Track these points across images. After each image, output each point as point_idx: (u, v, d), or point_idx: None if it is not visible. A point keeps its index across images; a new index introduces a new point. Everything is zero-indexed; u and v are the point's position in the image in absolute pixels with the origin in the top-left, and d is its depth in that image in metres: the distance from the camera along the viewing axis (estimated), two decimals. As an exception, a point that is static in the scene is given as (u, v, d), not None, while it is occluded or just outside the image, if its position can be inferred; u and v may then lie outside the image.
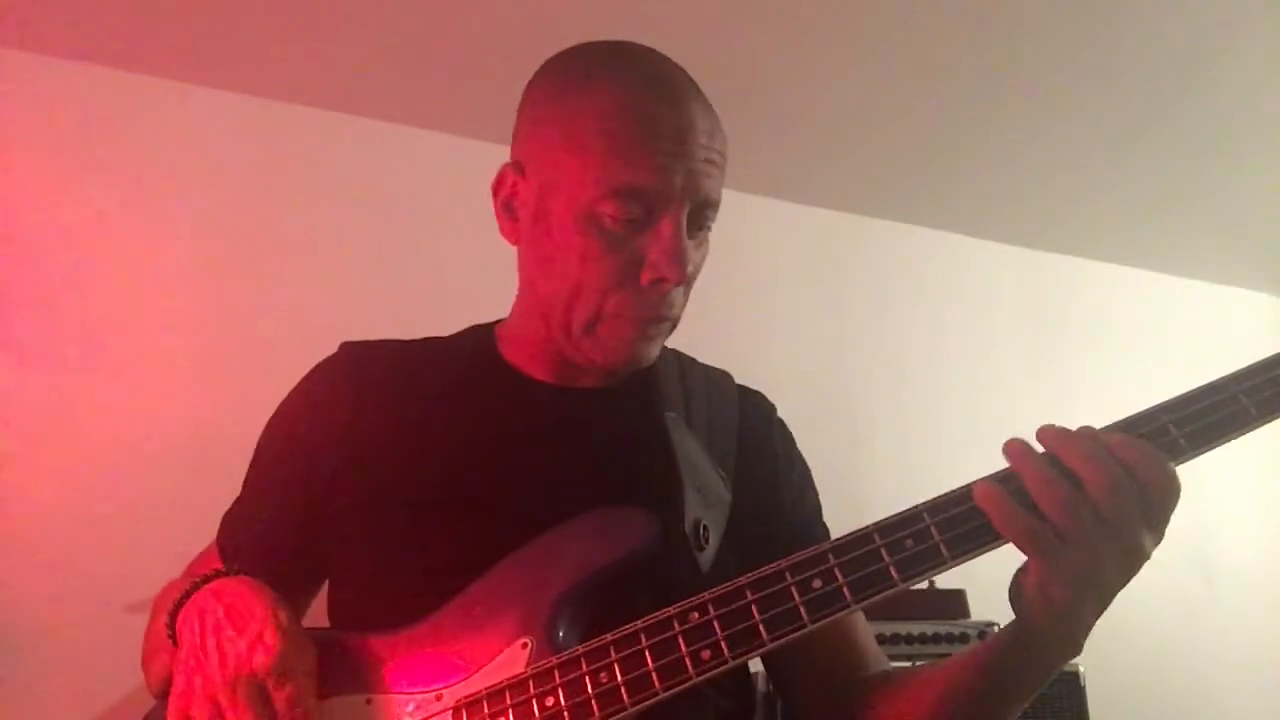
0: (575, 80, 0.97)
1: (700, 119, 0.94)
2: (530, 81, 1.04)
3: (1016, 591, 0.80)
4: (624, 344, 0.97)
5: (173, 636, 0.90)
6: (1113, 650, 2.70)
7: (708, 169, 0.94)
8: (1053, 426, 0.79)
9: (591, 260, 0.93)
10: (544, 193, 0.96)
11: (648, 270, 0.93)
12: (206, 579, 0.92)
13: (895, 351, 3.04)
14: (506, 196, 1.01)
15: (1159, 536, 0.77)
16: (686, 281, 0.97)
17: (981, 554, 0.79)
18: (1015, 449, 0.78)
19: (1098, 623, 0.80)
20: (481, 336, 1.10)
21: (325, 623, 1.02)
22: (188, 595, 0.91)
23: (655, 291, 0.94)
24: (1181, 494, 0.76)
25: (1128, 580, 0.78)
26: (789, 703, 1.06)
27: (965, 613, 2.18)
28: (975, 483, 0.79)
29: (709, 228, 0.99)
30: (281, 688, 0.82)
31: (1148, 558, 0.77)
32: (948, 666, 0.92)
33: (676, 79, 0.97)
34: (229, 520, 1.11)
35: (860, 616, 1.05)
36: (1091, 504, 0.75)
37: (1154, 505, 0.76)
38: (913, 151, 2.81)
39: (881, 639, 2.08)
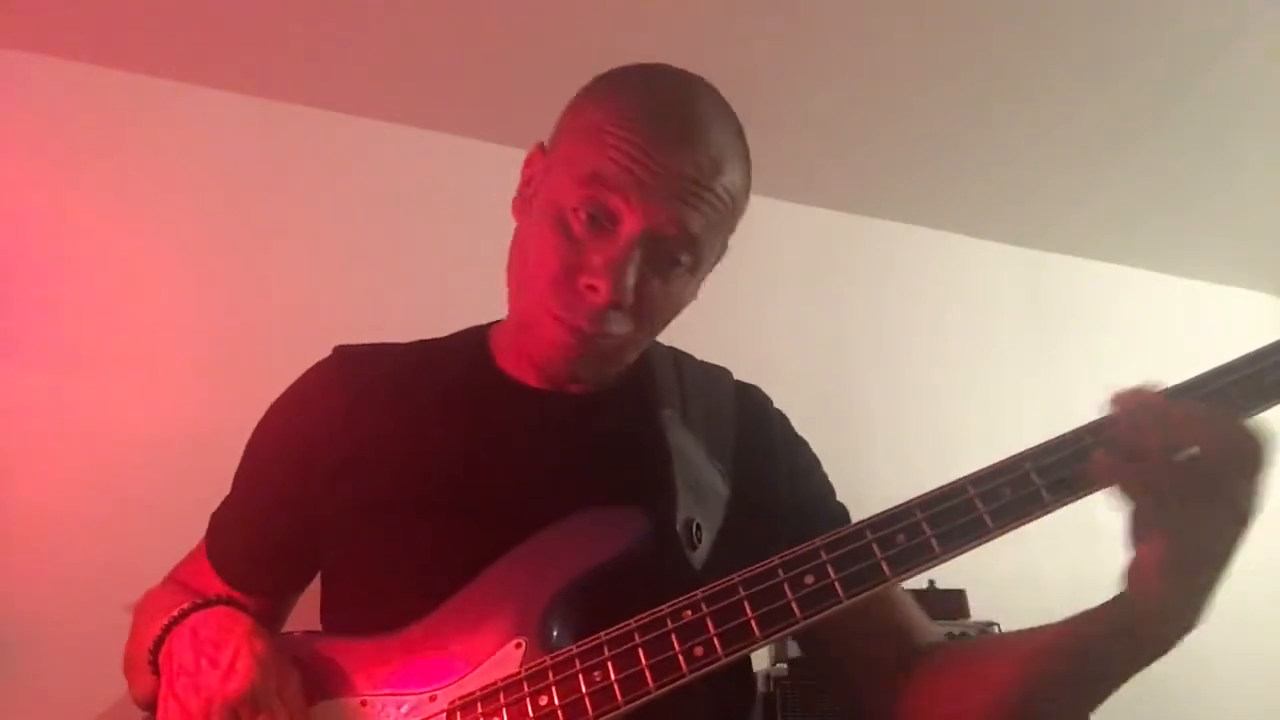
0: (609, 85, 0.99)
1: (705, 149, 0.92)
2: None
3: (1132, 567, 0.76)
4: (553, 346, 0.95)
5: (154, 668, 0.92)
6: (1113, 650, 2.70)
7: (694, 202, 0.91)
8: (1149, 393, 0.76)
9: (546, 253, 0.93)
10: (543, 179, 0.99)
11: (585, 275, 0.92)
12: (185, 613, 0.93)
13: (895, 351, 3.04)
14: (528, 175, 1.03)
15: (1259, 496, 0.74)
16: (626, 306, 0.93)
17: (972, 549, 0.78)
18: (1126, 400, 0.75)
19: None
20: (475, 340, 1.10)
21: (318, 625, 1.03)
22: (168, 630, 0.92)
23: (588, 299, 0.92)
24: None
25: (1232, 543, 0.75)
26: (835, 691, 1.05)
27: (965, 613, 2.17)
28: (1094, 454, 0.75)
29: (686, 266, 0.95)
30: (254, 716, 0.82)
31: (1246, 520, 0.74)
32: (1020, 643, 0.87)
33: (702, 107, 0.95)
34: (217, 521, 1.11)
35: (899, 593, 1.02)
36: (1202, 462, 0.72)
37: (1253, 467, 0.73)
38: (913, 151, 2.81)
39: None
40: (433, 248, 2.47)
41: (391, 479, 0.98)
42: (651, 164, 0.90)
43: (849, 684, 1.04)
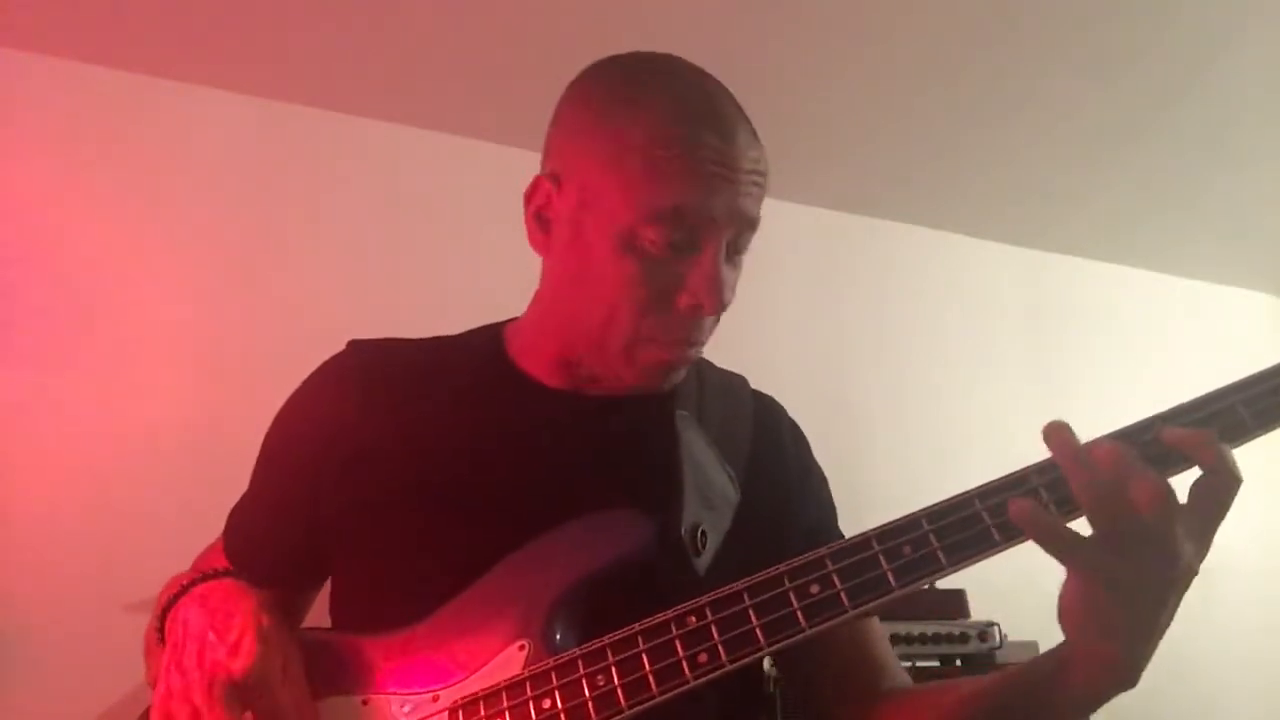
0: (621, 96, 0.95)
1: (745, 142, 0.93)
2: (569, 90, 1.01)
3: (1060, 607, 0.77)
4: (657, 369, 0.97)
5: (161, 637, 0.91)
6: (1112, 650, 2.70)
7: (751, 191, 0.93)
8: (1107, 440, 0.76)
9: (629, 284, 0.92)
10: (582, 210, 0.95)
11: (685, 295, 0.92)
12: (195, 582, 0.93)
13: (895, 351, 3.04)
14: (539, 207, 0.99)
15: (1203, 546, 0.74)
16: (723, 308, 0.96)
17: (979, 561, 0.78)
18: (1060, 438, 0.74)
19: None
20: (490, 338, 1.10)
21: (327, 622, 1.03)
22: (176, 599, 0.92)
23: (690, 316, 0.94)
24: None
25: (1171, 594, 0.75)
26: (805, 707, 1.05)
27: (965, 613, 2.17)
28: (1008, 500, 0.75)
29: (745, 251, 0.98)
30: (260, 695, 0.82)
31: (1193, 570, 0.74)
32: (966, 683, 0.91)
33: (723, 101, 0.96)
34: (235, 515, 1.11)
35: (877, 628, 1.05)
36: (1133, 511, 0.72)
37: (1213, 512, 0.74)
38: (913, 151, 2.81)
39: (881, 639, 2.08)
40: (433, 248, 2.47)
41: (401, 477, 0.97)
42: (719, 178, 0.90)
43: (814, 709, 1.05)
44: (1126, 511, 0.72)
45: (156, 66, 2.26)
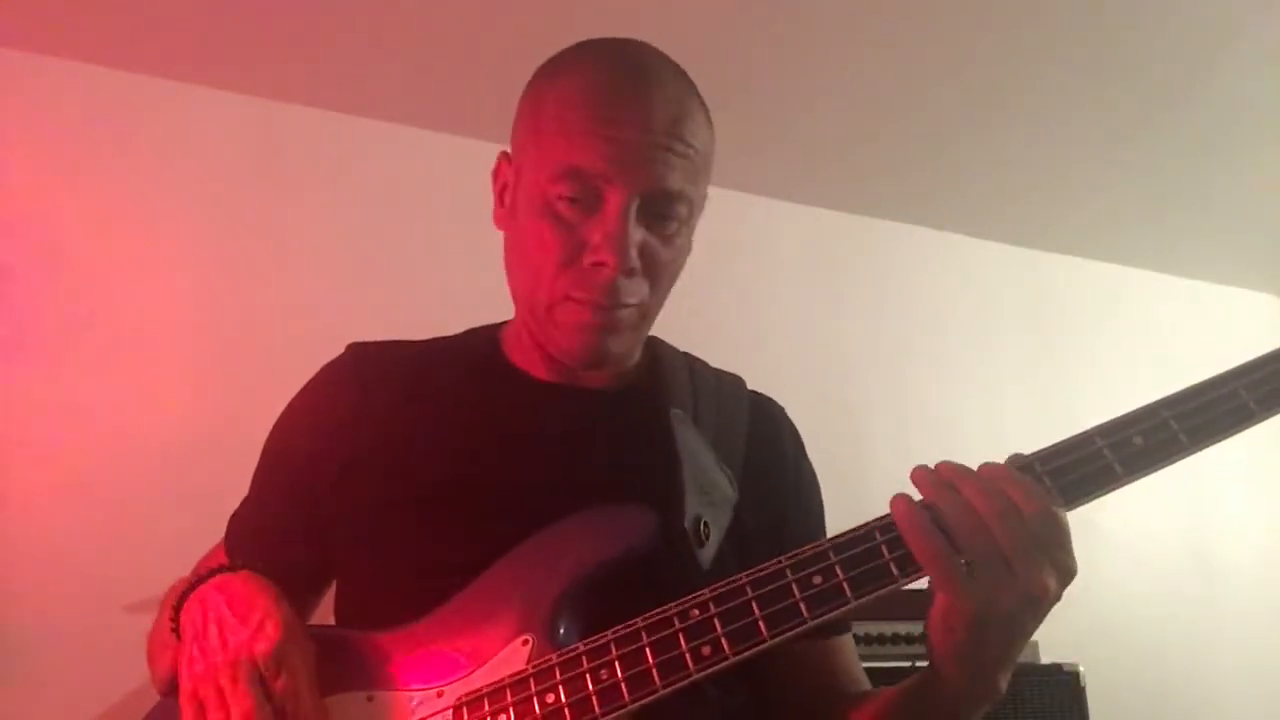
0: (551, 71, 1.00)
1: (664, 106, 0.93)
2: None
3: (925, 631, 0.82)
4: (577, 330, 0.96)
5: (176, 630, 0.91)
6: (1113, 650, 2.70)
7: (664, 157, 0.92)
8: (949, 463, 0.80)
9: (544, 245, 0.94)
10: (516, 180, 0.99)
11: (589, 253, 0.93)
12: (211, 573, 0.93)
13: (895, 351, 3.04)
14: (500, 184, 1.04)
15: (1064, 574, 0.77)
16: (637, 272, 0.94)
17: None
18: (924, 477, 0.79)
19: (1096, 622, 0.79)
20: (486, 337, 1.10)
21: (331, 620, 1.03)
22: (191, 589, 0.92)
23: (597, 275, 0.93)
24: (1070, 532, 0.76)
25: (1033, 619, 0.78)
26: (762, 703, 1.05)
27: (966, 612, 2.17)
28: (895, 497, 0.79)
29: (679, 219, 0.96)
30: (278, 677, 0.83)
31: (1054, 597, 0.77)
32: (874, 702, 0.94)
33: (648, 67, 0.97)
34: (236, 520, 1.11)
35: (840, 640, 1.06)
36: (991, 534, 0.75)
37: (1045, 540, 0.76)
38: (913, 151, 2.81)
39: (881, 639, 2.08)
40: (433, 248, 2.47)
41: (401, 476, 0.98)
42: (619, 135, 0.91)
43: (771, 708, 1.05)
44: (991, 544, 0.75)
45: (156, 66, 2.26)
